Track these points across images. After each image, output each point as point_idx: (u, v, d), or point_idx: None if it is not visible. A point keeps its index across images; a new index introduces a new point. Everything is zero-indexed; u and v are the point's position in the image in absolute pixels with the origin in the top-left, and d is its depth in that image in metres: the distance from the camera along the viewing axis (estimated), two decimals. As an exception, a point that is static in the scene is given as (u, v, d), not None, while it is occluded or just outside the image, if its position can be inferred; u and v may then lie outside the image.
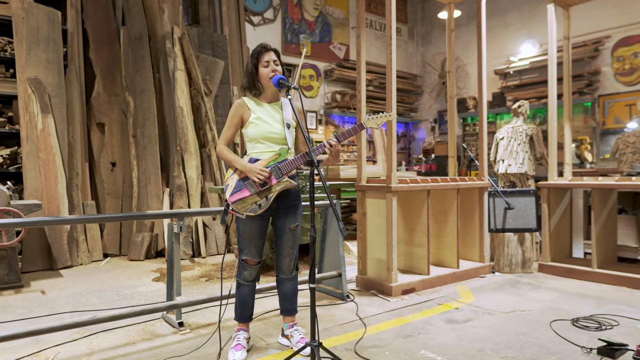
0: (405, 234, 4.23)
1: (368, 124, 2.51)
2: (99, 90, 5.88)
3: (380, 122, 2.52)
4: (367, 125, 2.51)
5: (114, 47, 6.05)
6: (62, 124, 5.25)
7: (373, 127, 2.53)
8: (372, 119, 2.51)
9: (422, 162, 8.56)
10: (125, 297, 3.87)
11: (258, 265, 2.58)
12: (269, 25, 8.54)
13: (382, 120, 2.52)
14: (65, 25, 5.59)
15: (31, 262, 4.79)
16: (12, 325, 3.12)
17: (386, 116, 2.54)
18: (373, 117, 2.51)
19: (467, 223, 4.61)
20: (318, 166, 2.20)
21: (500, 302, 3.59)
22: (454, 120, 4.84)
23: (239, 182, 2.44)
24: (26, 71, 5.07)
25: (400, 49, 10.84)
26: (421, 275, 4.04)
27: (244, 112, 2.51)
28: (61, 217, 2.81)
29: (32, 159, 4.98)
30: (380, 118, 2.52)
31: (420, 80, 10.98)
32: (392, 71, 3.71)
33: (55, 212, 4.96)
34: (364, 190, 4.01)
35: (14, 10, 5.18)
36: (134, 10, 6.19)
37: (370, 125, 2.51)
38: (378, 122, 2.52)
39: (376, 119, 2.51)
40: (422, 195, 4.04)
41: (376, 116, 2.52)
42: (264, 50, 2.51)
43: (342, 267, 3.66)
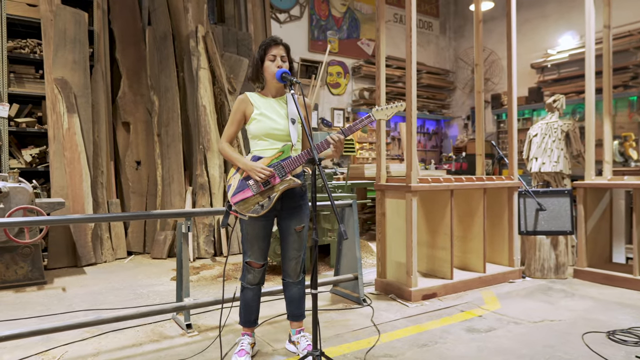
0: (428, 236, 4.03)
1: (376, 115, 2.36)
2: (124, 89, 5.94)
3: (390, 113, 2.37)
4: (375, 117, 2.36)
5: (139, 47, 6.11)
6: (88, 123, 5.33)
7: (382, 119, 2.39)
8: (381, 110, 2.36)
9: (452, 161, 8.25)
10: (141, 296, 3.86)
11: (262, 268, 2.47)
12: (295, 22, 8.45)
13: (392, 111, 2.37)
14: (92, 27, 5.68)
15: (56, 259, 4.88)
16: (26, 323, 3.14)
17: (397, 107, 2.38)
18: (382, 108, 2.36)
19: (496, 225, 4.35)
20: (319, 164, 2.07)
21: (528, 310, 3.34)
22: (481, 116, 4.58)
23: (241, 181, 2.33)
24: (53, 72, 5.18)
25: (431, 44, 10.53)
26: (444, 279, 3.83)
27: (246, 107, 2.41)
28: (67, 216, 2.80)
29: (58, 158, 5.08)
30: (390, 109, 2.37)
31: (452, 76, 10.62)
32: (411, 64, 3.53)
33: (80, 210, 5.04)
34: (383, 190, 3.84)
35: (43, 12, 5.29)
36: (159, 10, 6.23)
37: (379, 116, 2.37)
38: (388, 114, 2.37)
39: (386, 110, 2.36)
40: (445, 196, 3.83)
41: (386, 107, 2.37)
42: (274, 44, 2.39)
43: (359, 270, 3.51)
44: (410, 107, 3.54)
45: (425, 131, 10.37)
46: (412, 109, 3.53)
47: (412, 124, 3.54)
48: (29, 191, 4.09)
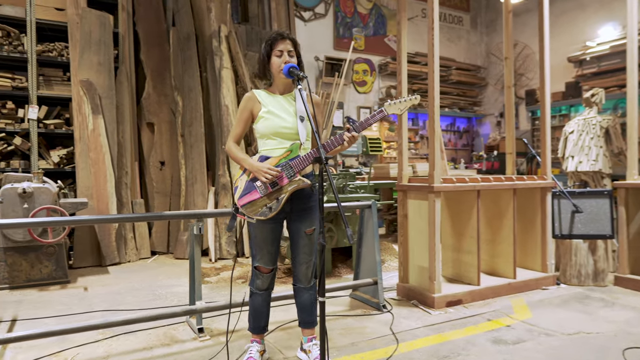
0: (453, 239, 3.84)
1: (389, 109, 2.23)
2: (149, 90, 5.98)
3: (403, 107, 2.24)
4: (388, 112, 2.23)
5: (164, 48, 6.13)
6: (112, 124, 5.38)
7: (396, 113, 2.25)
8: (394, 104, 2.23)
9: (483, 160, 7.94)
10: (159, 297, 3.83)
11: (271, 273, 2.36)
12: (320, 20, 8.33)
13: (404, 105, 2.24)
14: (117, 29, 5.74)
15: (82, 258, 4.95)
16: (44, 322, 3.16)
17: (410, 100, 2.25)
18: (395, 102, 2.23)
19: (527, 228, 4.10)
20: (327, 164, 1.94)
21: (562, 321, 3.11)
22: (512, 112, 4.33)
23: (248, 183, 2.23)
24: (79, 74, 5.25)
25: (462, 39, 10.20)
26: (470, 285, 3.63)
27: (253, 105, 2.31)
28: (79, 217, 2.78)
29: (83, 159, 5.14)
30: (403, 103, 2.24)
31: (484, 72, 10.26)
32: (433, 58, 3.34)
33: (104, 210, 5.08)
34: (405, 190, 3.67)
35: (70, 16, 5.38)
36: (182, 10, 6.24)
37: (391, 111, 2.24)
38: (401, 107, 2.24)
39: (399, 104, 2.23)
40: (471, 196, 3.63)
41: (399, 101, 2.23)
42: (280, 38, 2.27)
43: (378, 275, 3.36)
44: (432, 103, 3.36)
45: (456, 129, 10.06)
46: (435, 105, 3.35)
47: (435, 121, 3.36)
48: (52, 191, 4.13)
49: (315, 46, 8.27)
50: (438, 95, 3.37)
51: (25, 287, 4.10)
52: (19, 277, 4.08)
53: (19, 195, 3.94)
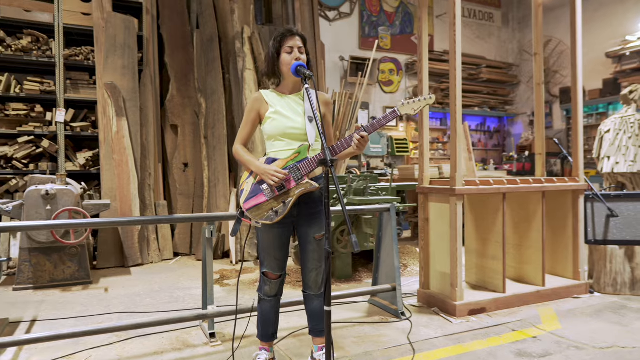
0: (478, 243, 3.66)
1: (402, 110, 2.12)
2: (173, 93, 6.03)
3: (417, 107, 2.12)
4: (401, 112, 2.12)
5: (188, 51, 6.17)
6: (136, 126, 5.44)
7: (409, 114, 2.14)
8: (408, 104, 2.12)
9: (514, 161, 7.64)
10: (176, 299, 3.82)
11: (279, 280, 2.28)
12: (345, 19, 8.23)
13: (419, 105, 2.12)
14: (142, 32, 5.81)
15: (105, 259, 5.02)
16: (62, 323, 3.19)
17: (425, 100, 2.13)
18: (409, 102, 2.11)
19: (558, 232, 3.88)
20: (332, 166, 1.84)
21: (594, 333, 2.90)
22: (541, 110, 4.12)
23: (254, 186, 2.16)
24: (104, 77, 5.34)
25: (492, 36, 9.88)
26: (495, 292, 3.45)
27: (260, 106, 2.23)
28: (86, 220, 2.78)
29: (107, 161, 5.22)
30: (418, 102, 2.12)
31: (516, 69, 9.91)
32: (455, 56, 3.20)
33: (127, 212, 5.14)
34: (426, 193, 3.53)
35: (95, 20, 5.48)
36: (206, 13, 6.27)
37: (405, 111, 2.12)
38: (415, 108, 2.13)
39: (412, 104, 2.12)
40: (496, 200, 3.45)
41: (412, 100, 2.12)
42: (289, 34, 2.19)
43: (397, 280, 3.24)
44: (454, 102, 3.21)
45: (486, 129, 9.75)
46: (457, 104, 3.20)
47: (457, 120, 3.21)
48: (75, 193, 4.19)
49: (341, 46, 8.18)
50: (460, 94, 3.22)
51: (48, 288, 4.17)
52: (42, 277, 4.16)
53: (42, 197, 4.01)
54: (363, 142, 2.08)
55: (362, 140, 2.08)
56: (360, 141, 2.07)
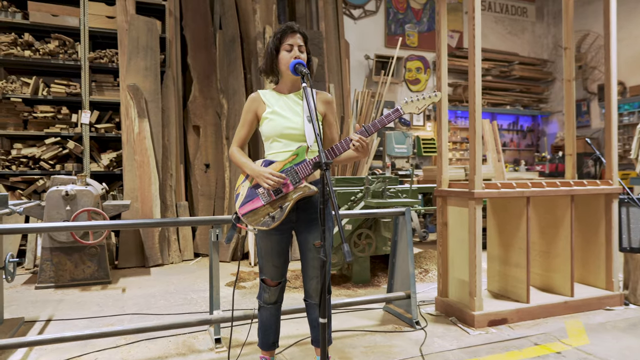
0: (500, 250, 3.46)
1: (406, 108, 2.00)
2: (195, 94, 6.05)
3: (421, 105, 1.99)
4: (404, 111, 1.99)
5: (210, 52, 6.19)
6: (157, 127, 5.48)
7: (413, 112, 2.01)
8: (412, 102, 2.00)
9: (547, 162, 7.29)
10: (190, 301, 3.80)
11: (278, 286, 2.19)
12: (370, 17, 8.08)
13: (423, 103, 1.99)
14: (164, 34, 5.85)
15: (126, 259, 5.07)
16: (75, 323, 3.21)
17: (430, 98, 2.00)
18: (412, 99, 1.99)
19: (589, 239, 3.63)
20: (327, 170, 1.74)
21: (626, 350, 2.67)
22: (571, 109, 3.86)
23: (250, 190, 2.08)
24: (126, 79, 5.40)
25: (526, 31, 9.49)
26: (518, 302, 3.25)
27: (258, 106, 2.15)
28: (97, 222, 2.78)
29: (129, 162, 5.28)
30: (422, 101, 1.99)
31: (551, 66, 9.48)
32: (474, 51, 3.02)
33: (148, 213, 5.18)
34: (444, 197, 3.36)
35: (119, 23, 5.56)
36: (228, 13, 6.26)
37: (409, 110, 2.00)
38: (419, 106, 2.00)
39: (417, 102, 1.99)
40: (519, 204, 3.25)
41: (417, 99, 1.99)
42: (290, 32, 2.10)
43: (411, 288, 3.09)
44: (473, 101, 3.04)
45: (519, 128, 9.37)
46: (476, 103, 3.02)
47: (476, 120, 3.03)
48: (94, 194, 4.24)
49: (365, 44, 8.03)
50: (480, 93, 3.04)
51: (69, 287, 4.24)
52: (63, 276, 4.23)
53: (63, 198, 4.08)
54: (363, 144, 1.95)
55: (362, 143, 1.95)
56: (360, 143, 1.94)
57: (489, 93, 8.82)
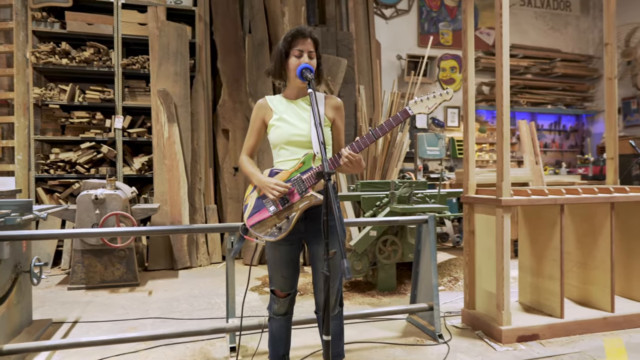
0: (532, 260, 3.26)
1: (415, 108, 1.89)
2: (224, 98, 6.09)
3: (431, 104, 1.89)
4: (414, 111, 1.89)
5: (240, 56, 6.21)
6: (187, 132, 5.55)
7: (423, 112, 1.90)
8: (421, 102, 1.89)
9: (590, 164, 6.88)
10: (213, 306, 3.81)
11: (288, 298, 2.12)
12: (402, 16, 7.90)
13: (433, 102, 1.88)
14: (194, 39, 5.93)
15: (156, 261, 5.16)
16: (98, 326, 3.27)
17: (441, 95, 1.88)
18: (422, 99, 1.88)
19: (633, 250, 3.37)
20: (329, 180, 1.65)
21: (670, 374, 2.44)
22: (613, 108, 3.60)
23: (257, 200, 2.02)
24: (157, 84, 5.50)
25: (569, 26, 9.03)
26: (551, 317, 3.04)
27: (265, 114, 2.10)
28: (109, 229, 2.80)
29: (159, 165, 5.37)
30: (433, 99, 1.88)
31: (597, 62, 8.97)
32: (502, 50, 2.85)
33: (177, 216, 5.26)
34: (471, 203, 3.20)
35: (150, 29, 5.67)
36: (257, 17, 6.28)
37: (418, 110, 1.89)
38: (429, 105, 1.89)
39: (427, 101, 1.89)
40: (553, 212, 3.04)
41: (426, 97, 1.88)
42: (300, 36, 2.03)
43: (434, 299, 2.95)
44: (500, 103, 2.87)
45: (561, 128, 8.93)
46: (504, 105, 2.85)
47: (504, 123, 2.86)
48: (122, 198, 4.33)
49: (398, 44, 7.87)
50: (508, 94, 2.87)
51: (99, 288, 4.34)
52: (94, 278, 4.34)
53: (92, 202, 4.18)
54: (352, 159, 1.86)
55: (350, 159, 1.86)
56: (349, 159, 1.85)
57: (528, 92, 8.44)
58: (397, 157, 5.95)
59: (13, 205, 2.66)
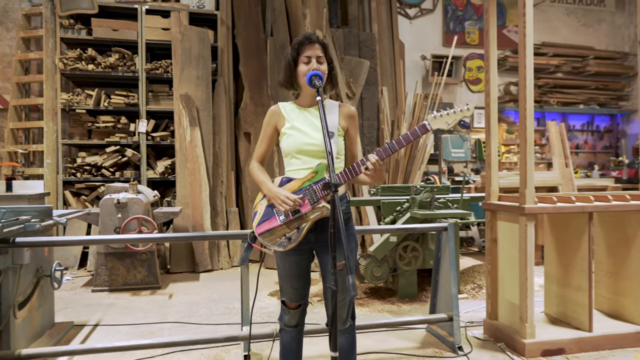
0: (559, 269, 3.12)
1: (434, 123, 1.82)
2: (246, 101, 6.11)
3: (450, 120, 1.81)
4: (432, 126, 1.81)
5: (262, 58, 6.22)
6: (209, 135, 5.59)
7: (442, 128, 1.82)
8: (441, 117, 1.82)
9: (624, 166, 6.57)
10: (231, 311, 3.80)
11: (299, 309, 2.08)
12: (427, 16, 7.76)
13: (452, 117, 1.81)
14: (216, 43, 5.96)
15: (177, 264, 5.21)
16: (117, 329, 3.31)
17: (462, 112, 1.80)
18: (441, 114, 1.80)
19: (669, 259, 3.17)
20: (336, 191, 1.60)
21: None
22: (647, 110, 3.40)
23: (267, 208, 1.99)
24: (179, 88, 5.56)
25: (603, 22, 8.68)
26: (578, 330, 2.90)
27: (278, 120, 2.06)
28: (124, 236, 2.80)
29: (181, 169, 5.43)
30: (453, 115, 1.81)
31: (632, 59, 8.59)
32: (525, 51, 2.73)
33: (198, 219, 5.30)
34: (493, 210, 3.08)
35: (173, 34, 5.74)
36: (279, 19, 6.27)
37: (437, 125, 1.82)
38: (449, 121, 1.81)
39: (447, 117, 1.82)
40: (580, 220, 2.90)
41: (446, 113, 1.81)
42: (308, 42, 1.99)
43: (454, 310, 2.86)
44: (524, 106, 2.75)
45: (594, 129, 8.58)
46: (527, 108, 2.73)
47: (527, 127, 2.74)
48: (144, 202, 4.38)
49: (422, 44, 7.73)
50: (532, 97, 2.74)
51: (121, 290, 4.40)
52: (117, 280, 4.41)
53: (115, 206, 4.25)
54: (376, 169, 1.79)
55: (376, 166, 1.79)
56: (374, 167, 1.78)
57: (559, 91, 8.15)
58: (420, 160, 5.83)
59: (33, 211, 2.71)
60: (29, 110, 6.11)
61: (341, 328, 2.05)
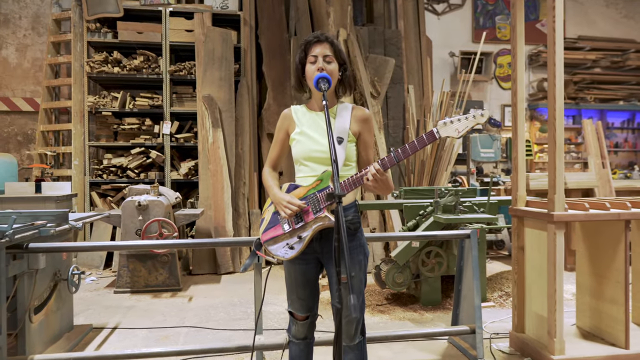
0: (592, 280, 2.91)
1: (443, 131, 1.68)
2: (269, 101, 6.07)
3: (462, 127, 1.66)
4: (441, 134, 1.68)
5: (285, 59, 6.16)
6: (231, 136, 5.57)
7: (452, 136, 1.68)
8: (451, 124, 1.68)
9: (668, 167, 6.17)
10: (249, 315, 3.76)
11: (307, 321, 1.99)
12: (455, 11, 7.52)
13: (466, 124, 1.66)
14: (239, 43, 5.94)
15: (199, 265, 5.22)
16: (134, 333, 3.31)
17: (475, 118, 1.66)
18: (452, 120, 1.67)
19: None
20: (340, 202, 1.50)
21: None
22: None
23: (273, 215, 1.91)
24: (202, 90, 5.56)
25: (638, 15, 8.21)
26: (613, 347, 2.70)
27: (289, 125, 1.98)
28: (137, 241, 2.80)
29: (204, 170, 5.43)
30: (465, 122, 1.66)
31: (678, 52, 8.07)
32: (554, 47, 2.55)
33: (220, 221, 5.28)
34: (520, 217, 2.91)
35: (197, 36, 5.75)
36: (302, 18, 6.19)
37: (446, 133, 1.68)
38: (459, 128, 1.67)
39: (457, 124, 1.67)
40: (615, 228, 2.69)
41: (458, 119, 1.66)
42: (315, 41, 1.89)
43: (477, 322, 2.70)
44: (553, 106, 2.57)
45: (635, 126, 8.13)
46: (557, 109, 2.55)
47: (557, 127, 2.56)
48: (165, 204, 4.39)
49: (450, 41, 7.50)
50: (562, 95, 2.56)
51: (143, 292, 4.43)
52: (138, 282, 4.44)
53: (136, 208, 4.27)
54: (378, 178, 1.67)
55: (376, 177, 1.68)
56: (374, 178, 1.67)
57: (596, 87, 7.75)
58: (447, 161, 5.64)
59: (49, 215, 2.73)
60: (59, 113, 6.26)
61: (349, 344, 1.95)
